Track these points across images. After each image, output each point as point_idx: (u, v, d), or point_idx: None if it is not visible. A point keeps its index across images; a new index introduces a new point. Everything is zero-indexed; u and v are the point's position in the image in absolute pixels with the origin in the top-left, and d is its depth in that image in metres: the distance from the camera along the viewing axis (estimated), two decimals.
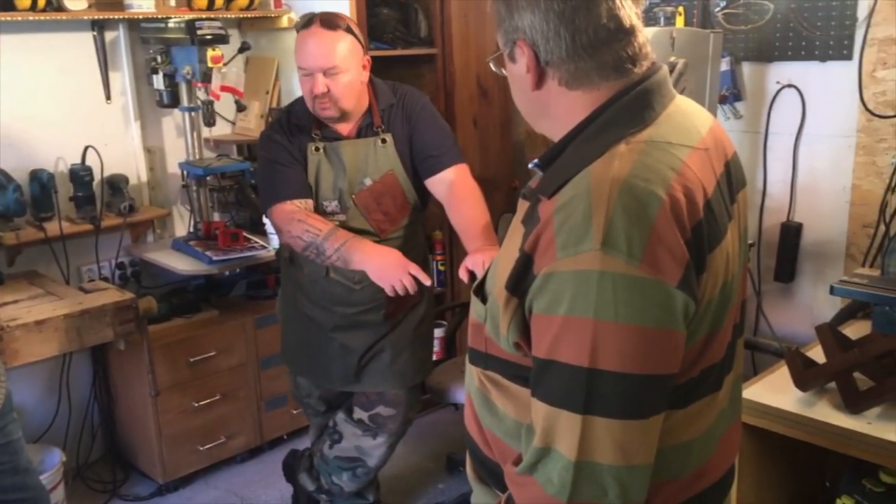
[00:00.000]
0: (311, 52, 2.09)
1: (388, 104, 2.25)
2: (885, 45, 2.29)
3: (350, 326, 2.31)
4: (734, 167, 1.16)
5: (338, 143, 2.21)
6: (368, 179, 2.20)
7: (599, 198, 0.95)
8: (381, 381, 2.34)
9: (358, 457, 2.41)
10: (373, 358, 2.33)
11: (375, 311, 2.28)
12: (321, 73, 2.08)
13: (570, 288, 0.94)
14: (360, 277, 2.21)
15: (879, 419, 1.71)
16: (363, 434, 2.38)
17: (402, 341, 2.34)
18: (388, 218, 2.22)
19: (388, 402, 2.36)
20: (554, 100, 1.09)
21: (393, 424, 2.37)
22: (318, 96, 2.11)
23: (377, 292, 2.20)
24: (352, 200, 2.20)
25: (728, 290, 1.07)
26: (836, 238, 2.49)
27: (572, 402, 0.95)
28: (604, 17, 1.03)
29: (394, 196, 2.22)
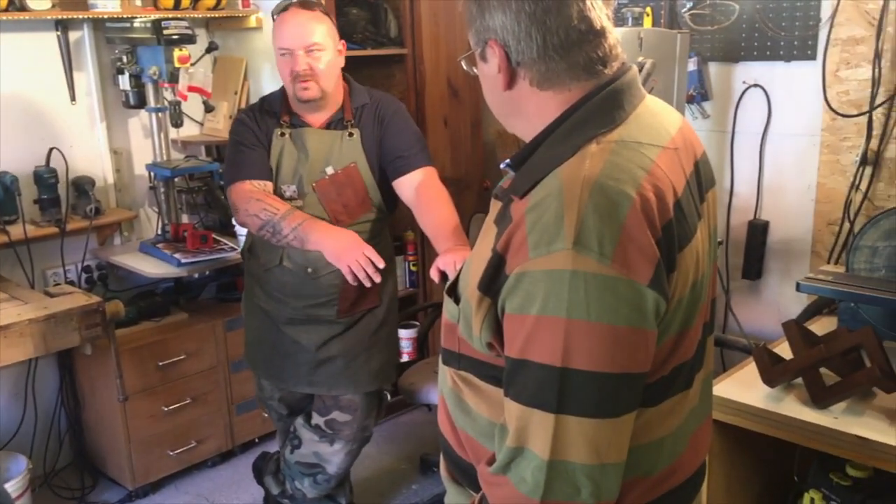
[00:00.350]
0: (291, 31, 2.13)
1: (361, 104, 2.26)
2: (847, 45, 2.33)
3: (303, 321, 2.29)
4: (703, 167, 1.17)
5: (304, 130, 2.23)
6: (331, 168, 2.20)
7: (571, 197, 0.96)
8: (334, 384, 2.31)
9: (317, 463, 2.38)
10: (327, 359, 2.30)
11: (328, 306, 2.26)
12: (302, 50, 2.11)
13: (542, 287, 0.95)
14: (313, 267, 2.21)
15: (845, 414, 1.74)
16: (320, 440, 2.36)
17: (358, 345, 2.31)
18: (347, 210, 2.21)
19: (342, 408, 2.33)
20: (525, 100, 1.10)
21: (349, 431, 2.34)
22: (300, 74, 2.12)
23: (330, 286, 2.21)
24: (311, 187, 2.20)
25: (698, 288, 1.08)
26: (802, 236, 2.53)
27: (545, 402, 0.96)
28: (575, 18, 1.03)
29: (355, 189, 2.21)
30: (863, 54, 2.30)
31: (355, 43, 3.34)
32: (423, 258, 3.58)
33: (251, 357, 2.48)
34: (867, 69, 2.29)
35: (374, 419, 2.41)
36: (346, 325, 2.29)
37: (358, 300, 2.28)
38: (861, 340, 1.81)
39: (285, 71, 2.16)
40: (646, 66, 2.16)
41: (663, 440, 1.10)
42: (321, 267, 2.20)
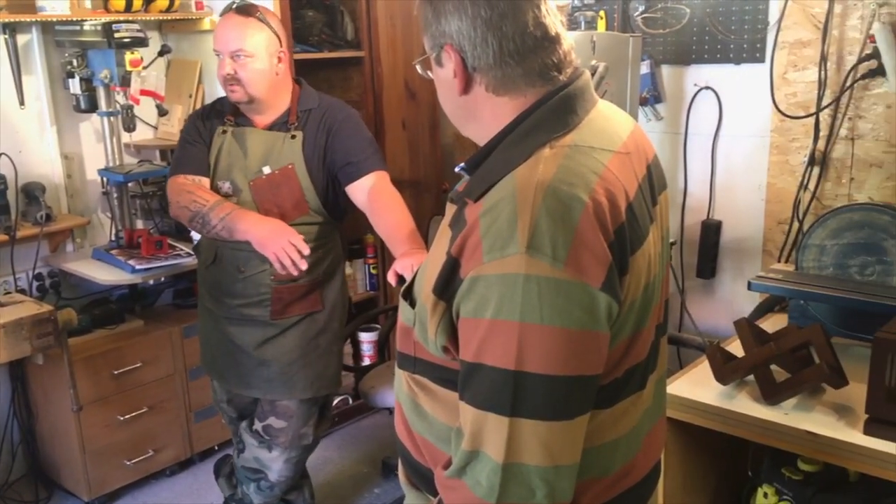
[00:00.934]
0: (222, 35, 2.16)
1: (308, 107, 2.25)
2: (795, 47, 2.38)
3: (238, 321, 2.28)
4: (655, 170, 1.19)
5: (246, 129, 2.25)
6: (268, 168, 2.20)
7: (524, 201, 0.96)
8: (269, 388, 2.29)
9: (259, 468, 2.36)
10: (262, 362, 2.29)
11: (261, 306, 2.25)
12: (228, 55, 2.14)
13: (496, 291, 0.95)
14: (243, 265, 2.20)
15: (795, 409, 1.78)
16: (258, 445, 2.34)
17: (295, 349, 2.28)
18: (280, 210, 2.20)
19: (278, 414, 2.31)
20: (481, 105, 1.10)
21: (284, 438, 2.32)
22: (226, 78, 2.16)
23: (261, 286, 2.22)
24: (248, 185, 2.20)
25: (650, 290, 1.09)
26: (753, 235, 2.58)
27: (499, 405, 0.96)
28: (530, 24, 1.05)
29: (291, 190, 2.20)
30: (809, 57, 2.35)
31: (311, 45, 3.32)
32: (383, 261, 3.58)
33: (203, 357, 2.48)
34: (814, 71, 2.34)
35: (314, 427, 2.37)
36: (281, 327, 2.27)
37: (293, 302, 2.26)
38: (810, 337, 1.85)
39: (218, 72, 2.19)
40: (599, 69, 2.18)
41: (618, 441, 1.12)
42: (251, 266, 2.21)
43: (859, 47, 2.25)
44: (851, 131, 2.32)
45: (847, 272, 2.11)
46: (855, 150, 2.32)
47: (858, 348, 1.96)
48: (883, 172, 2.28)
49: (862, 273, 2.09)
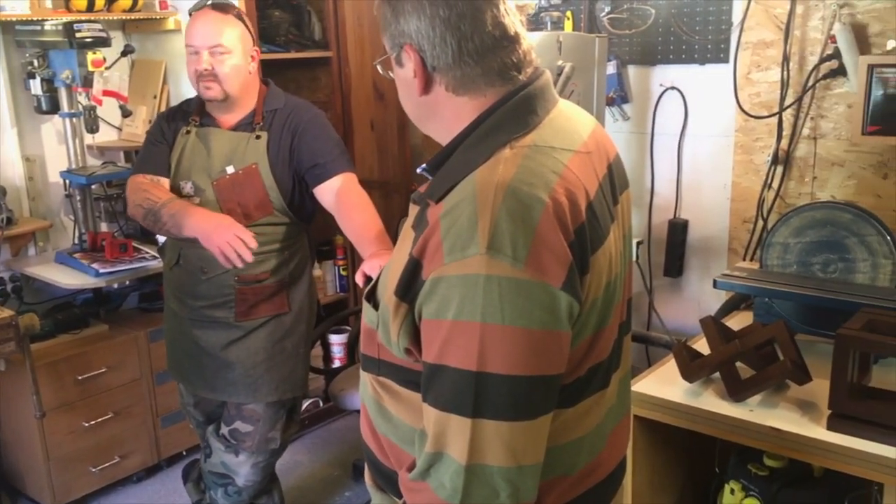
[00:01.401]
0: (198, 30, 2.14)
1: (274, 108, 2.24)
2: (758, 48, 2.40)
3: (203, 322, 2.26)
4: (616, 169, 1.19)
5: (210, 129, 2.23)
6: (231, 168, 2.19)
7: (484, 202, 0.96)
8: (233, 391, 2.27)
9: (226, 473, 2.34)
10: (226, 364, 2.26)
11: (225, 308, 2.23)
12: (206, 50, 2.12)
13: (457, 292, 0.95)
14: (207, 266, 2.18)
15: (760, 406, 1.80)
16: (225, 450, 2.31)
17: (261, 352, 2.26)
18: (243, 210, 2.18)
19: (245, 418, 2.29)
20: (441, 105, 1.10)
21: (251, 442, 2.29)
22: (203, 74, 2.13)
23: (224, 287, 2.20)
24: (211, 185, 2.18)
25: (612, 289, 1.10)
26: (719, 233, 2.61)
27: (462, 406, 0.96)
28: (489, 24, 1.05)
29: (254, 190, 2.18)
30: (772, 57, 2.38)
31: (278, 45, 3.30)
32: (353, 262, 3.56)
33: (168, 361, 2.45)
34: (776, 71, 2.37)
35: (282, 431, 2.35)
36: (246, 329, 2.25)
37: (258, 303, 2.24)
38: (774, 334, 1.87)
39: (190, 69, 2.17)
40: (565, 69, 2.19)
41: (582, 439, 1.12)
42: (214, 267, 2.18)
43: (821, 48, 2.28)
44: (814, 131, 2.36)
45: (810, 270, 2.13)
46: (817, 149, 2.36)
47: (822, 345, 1.99)
48: (844, 171, 2.32)
49: (825, 270, 2.12)
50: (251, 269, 2.20)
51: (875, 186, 2.27)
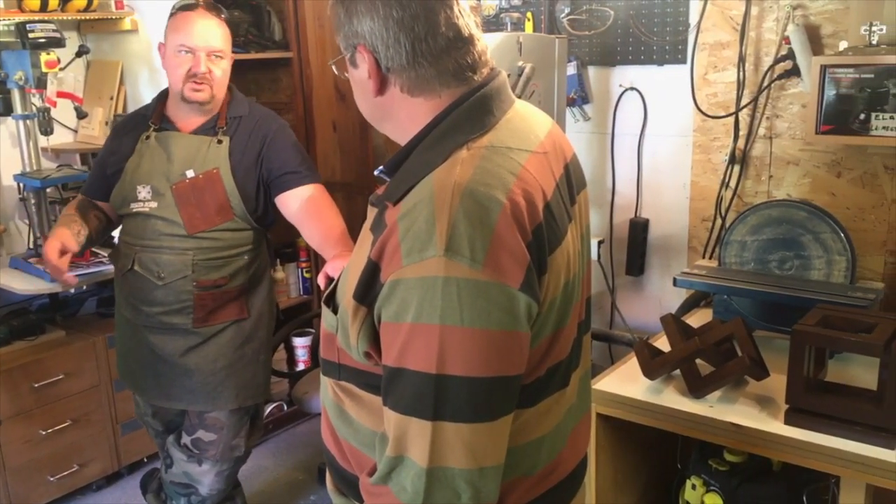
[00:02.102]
0: (198, 32, 2.10)
1: (238, 114, 2.22)
2: (714, 49, 2.44)
3: (159, 329, 2.22)
4: (573, 169, 1.20)
5: (170, 134, 2.20)
6: (191, 172, 2.16)
7: (442, 204, 0.96)
8: (192, 399, 2.24)
9: (189, 483, 2.30)
10: (184, 372, 2.23)
11: (183, 314, 2.19)
12: (204, 52, 2.10)
13: (416, 295, 0.95)
14: (165, 272, 2.16)
15: (720, 402, 1.82)
16: (188, 460, 2.28)
17: (220, 358, 2.23)
18: (203, 215, 2.15)
19: (207, 426, 2.26)
20: (397, 106, 1.10)
21: (214, 450, 2.26)
22: (197, 75, 2.10)
23: (182, 293, 2.17)
24: (170, 189, 2.15)
25: (570, 289, 1.10)
26: (679, 232, 2.64)
27: (422, 409, 0.96)
28: (443, 25, 1.05)
29: (215, 194, 2.15)
30: (728, 58, 2.42)
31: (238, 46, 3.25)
32: (316, 265, 3.54)
33: (121, 370, 2.41)
34: (733, 72, 2.41)
35: (245, 438, 2.32)
36: (205, 336, 2.22)
37: (217, 309, 2.21)
38: (732, 331, 1.90)
39: (180, 68, 2.11)
40: (525, 70, 2.20)
41: (542, 439, 1.12)
42: (171, 272, 2.16)
43: (775, 49, 2.32)
44: (769, 130, 2.39)
45: (767, 267, 2.17)
46: (773, 148, 2.40)
47: (779, 340, 2.02)
48: (799, 170, 2.36)
49: (781, 267, 2.16)
50: (210, 275, 2.17)
51: (829, 184, 2.31)
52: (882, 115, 1.94)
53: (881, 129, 1.95)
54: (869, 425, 1.61)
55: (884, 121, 1.94)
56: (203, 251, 2.16)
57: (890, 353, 1.58)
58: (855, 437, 1.61)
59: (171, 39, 2.12)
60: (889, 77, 1.91)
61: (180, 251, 2.16)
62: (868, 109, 1.95)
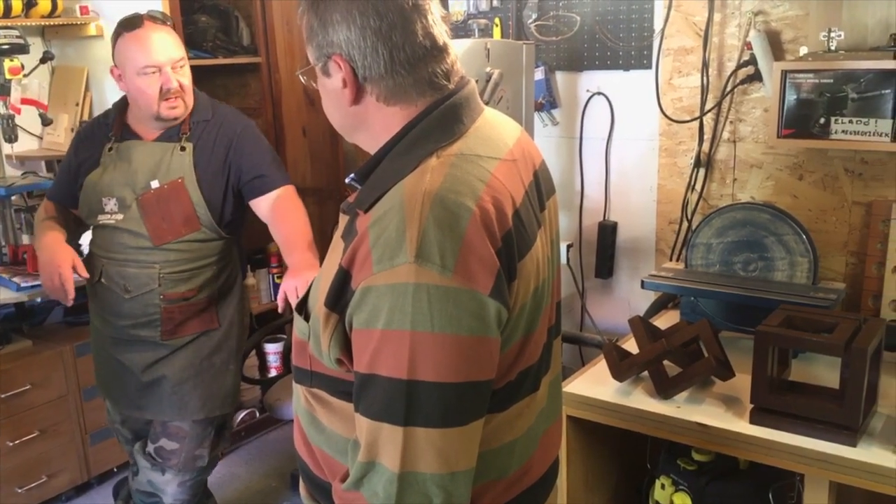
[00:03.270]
0: (157, 47, 2.04)
1: (202, 118, 2.19)
2: (679, 54, 2.48)
3: (127, 342, 2.20)
4: (542, 175, 1.21)
5: (131, 143, 2.16)
6: (156, 182, 2.13)
7: (412, 211, 0.97)
8: (160, 409, 2.22)
9: (153, 492, 2.29)
10: (152, 382, 2.21)
11: (150, 327, 2.17)
12: (170, 66, 2.06)
13: (387, 301, 0.96)
14: (131, 285, 2.14)
15: (687, 403, 1.85)
16: (152, 468, 2.27)
17: (188, 368, 2.21)
18: (169, 226, 2.13)
19: (170, 435, 2.24)
20: (371, 115, 1.10)
21: (176, 460, 2.25)
22: (171, 91, 2.06)
23: (149, 306, 2.15)
24: (136, 201, 2.12)
25: (540, 294, 1.12)
26: (646, 235, 2.67)
27: (393, 415, 0.97)
28: (420, 34, 1.06)
29: (180, 204, 2.13)
30: (692, 63, 2.46)
31: (205, 51, 3.24)
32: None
33: (96, 376, 2.39)
34: (697, 77, 2.45)
35: (209, 448, 2.30)
36: (173, 347, 2.20)
37: (185, 322, 2.20)
38: (698, 332, 1.93)
39: (150, 89, 2.06)
40: (493, 76, 2.22)
41: (514, 443, 1.13)
42: (137, 286, 2.14)
43: (738, 54, 2.36)
44: (733, 134, 2.44)
45: (732, 269, 2.21)
46: (737, 151, 2.44)
47: (745, 341, 2.06)
48: (763, 173, 2.41)
49: (745, 269, 2.20)
50: (177, 287, 2.16)
51: (792, 187, 2.36)
52: (841, 119, 1.98)
53: (841, 133, 1.99)
54: (831, 423, 1.65)
55: (843, 125, 1.98)
56: (170, 264, 2.14)
57: (850, 353, 1.62)
58: (818, 435, 1.65)
59: (132, 62, 2.04)
60: (847, 82, 1.95)
61: (147, 264, 2.14)
62: (828, 114, 1.99)
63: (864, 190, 2.25)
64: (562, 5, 2.64)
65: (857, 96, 1.94)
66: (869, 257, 2.21)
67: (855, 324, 1.71)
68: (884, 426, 1.70)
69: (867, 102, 1.93)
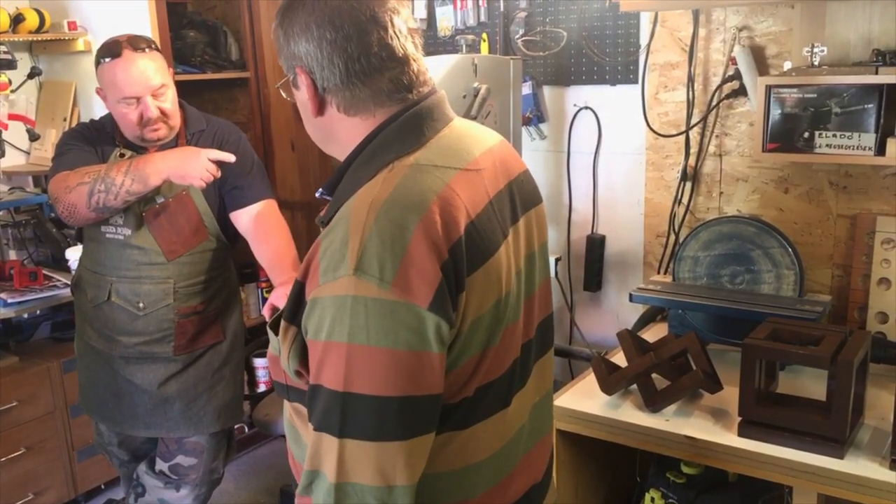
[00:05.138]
0: (134, 78, 2.01)
1: (197, 129, 2.20)
2: (665, 69, 2.50)
3: (137, 360, 2.19)
4: (519, 187, 1.19)
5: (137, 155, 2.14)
6: (161, 197, 2.12)
7: (357, 223, 0.98)
8: (174, 426, 2.22)
9: None
10: (165, 399, 2.20)
11: (164, 342, 2.17)
12: (149, 95, 2.04)
13: (329, 313, 0.97)
14: (144, 301, 2.13)
15: (676, 416, 1.86)
16: (165, 486, 2.26)
17: (200, 383, 2.22)
18: (181, 239, 2.13)
19: (187, 451, 2.24)
20: (336, 126, 1.12)
21: (195, 475, 2.25)
22: (150, 120, 2.05)
23: (164, 321, 2.14)
24: (141, 216, 2.12)
25: (503, 308, 1.08)
26: (634, 248, 2.68)
27: (331, 426, 0.98)
28: (375, 45, 1.07)
29: (188, 216, 2.14)
30: (678, 78, 2.48)
31: (194, 66, 3.25)
32: None
33: (85, 400, 2.36)
34: (682, 92, 2.47)
35: (223, 460, 2.32)
36: (184, 362, 2.20)
37: (197, 335, 2.20)
38: (686, 345, 1.94)
39: (129, 117, 2.05)
40: (481, 91, 2.23)
41: (480, 465, 1.10)
42: (152, 302, 2.13)
43: (723, 69, 2.38)
44: (719, 148, 2.46)
45: (719, 281, 2.22)
46: (723, 165, 2.46)
47: (732, 354, 2.06)
48: (749, 186, 2.43)
49: (732, 282, 2.21)
50: (190, 301, 2.16)
51: (777, 200, 2.38)
52: (825, 134, 2.00)
53: (825, 147, 2.01)
54: (818, 435, 1.66)
55: (827, 139, 2.00)
56: (184, 276, 2.15)
57: (837, 365, 1.63)
58: (805, 447, 1.66)
59: (112, 93, 2.04)
60: (831, 97, 1.97)
61: (161, 280, 2.13)
62: (812, 128, 2.01)
63: (849, 203, 2.27)
64: (549, 21, 2.66)
65: (841, 111, 1.97)
66: (854, 270, 2.23)
67: (841, 336, 1.72)
68: (870, 438, 1.72)
69: (850, 117, 1.96)
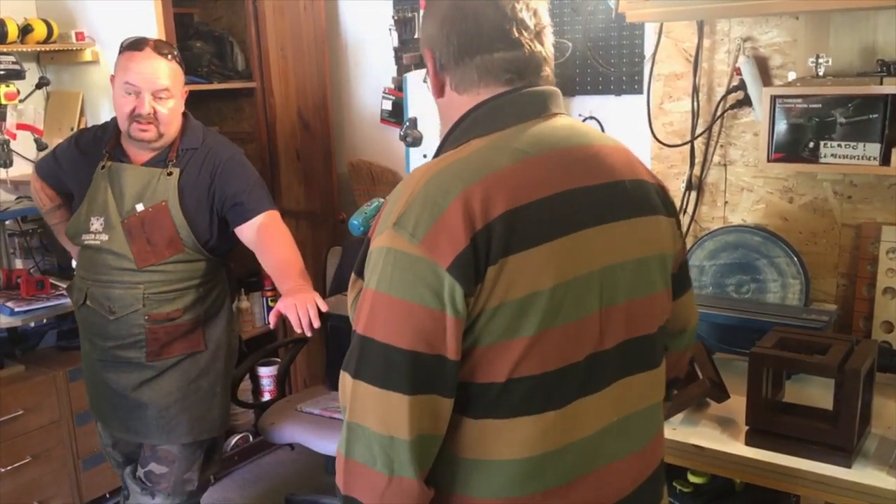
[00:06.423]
0: (142, 71, 2.09)
1: (191, 146, 2.22)
2: (669, 80, 2.51)
3: (112, 363, 2.21)
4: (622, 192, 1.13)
5: (122, 166, 2.20)
6: (141, 205, 2.16)
7: (411, 185, 1.05)
8: (147, 432, 2.22)
9: None
10: (138, 405, 2.21)
11: (136, 348, 2.18)
12: (149, 93, 2.09)
13: (372, 261, 1.05)
14: (116, 307, 2.15)
15: (683, 424, 1.86)
16: (142, 492, 2.26)
17: (175, 392, 2.21)
18: (153, 249, 2.15)
19: (159, 459, 2.24)
20: (452, 106, 1.16)
21: (166, 484, 2.24)
22: (141, 116, 2.09)
23: (134, 326, 2.16)
24: (121, 224, 2.15)
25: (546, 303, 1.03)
26: None
27: (350, 366, 1.05)
28: (489, 26, 1.10)
29: (162, 227, 2.15)
30: (683, 88, 2.49)
31: (200, 76, 3.26)
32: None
33: (89, 399, 2.39)
34: (687, 102, 2.48)
35: (198, 472, 2.30)
36: (159, 369, 2.21)
37: (171, 342, 2.20)
38: (693, 354, 1.94)
39: (125, 107, 2.11)
40: None
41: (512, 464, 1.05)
42: (122, 307, 2.15)
43: (727, 79, 2.40)
44: (724, 157, 2.47)
45: (725, 290, 2.23)
46: (728, 175, 2.47)
47: (738, 363, 2.07)
48: (753, 196, 2.43)
49: (738, 291, 2.21)
50: (162, 308, 2.16)
51: (782, 210, 2.39)
52: (830, 143, 2.01)
53: (830, 157, 2.02)
54: (826, 444, 1.66)
55: (832, 148, 2.01)
56: (154, 284, 2.16)
57: (844, 374, 1.63)
58: (813, 456, 1.66)
59: (119, 75, 2.12)
60: (836, 107, 1.98)
61: (131, 285, 2.15)
62: (817, 138, 2.02)
63: (854, 212, 2.28)
64: (554, 31, 2.67)
65: (846, 121, 1.98)
66: (859, 279, 2.24)
67: (848, 345, 1.72)
68: (878, 447, 1.72)
69: (855, 127, 1.96)
